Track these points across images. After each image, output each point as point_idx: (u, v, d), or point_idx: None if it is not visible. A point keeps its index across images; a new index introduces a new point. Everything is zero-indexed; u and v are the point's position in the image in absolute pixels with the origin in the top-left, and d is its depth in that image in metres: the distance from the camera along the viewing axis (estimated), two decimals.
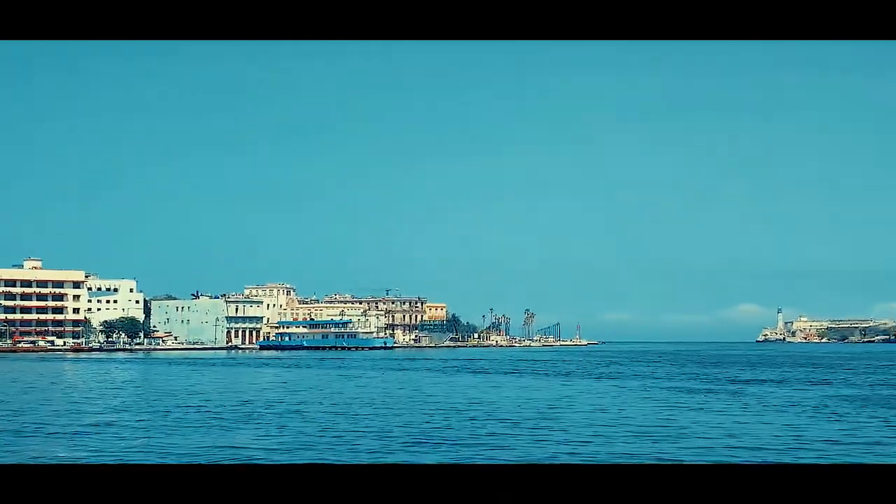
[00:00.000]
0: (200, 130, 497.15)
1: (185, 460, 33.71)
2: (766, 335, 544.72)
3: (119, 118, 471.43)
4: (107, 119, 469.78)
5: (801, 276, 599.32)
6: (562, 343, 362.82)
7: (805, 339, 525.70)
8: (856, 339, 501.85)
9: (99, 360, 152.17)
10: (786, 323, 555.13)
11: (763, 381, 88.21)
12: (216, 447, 37.23)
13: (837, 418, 49.52)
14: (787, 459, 33.76)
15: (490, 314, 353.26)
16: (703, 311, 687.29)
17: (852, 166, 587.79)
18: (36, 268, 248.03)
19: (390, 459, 34.19)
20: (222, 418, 49.22)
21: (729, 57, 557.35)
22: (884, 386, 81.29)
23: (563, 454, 35.36)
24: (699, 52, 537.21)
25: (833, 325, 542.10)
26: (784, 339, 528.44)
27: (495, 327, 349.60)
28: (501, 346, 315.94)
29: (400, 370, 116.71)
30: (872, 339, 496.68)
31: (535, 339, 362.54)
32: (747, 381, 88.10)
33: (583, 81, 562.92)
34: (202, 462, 33.14)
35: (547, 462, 32.71)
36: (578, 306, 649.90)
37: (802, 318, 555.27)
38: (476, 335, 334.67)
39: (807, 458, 34.35)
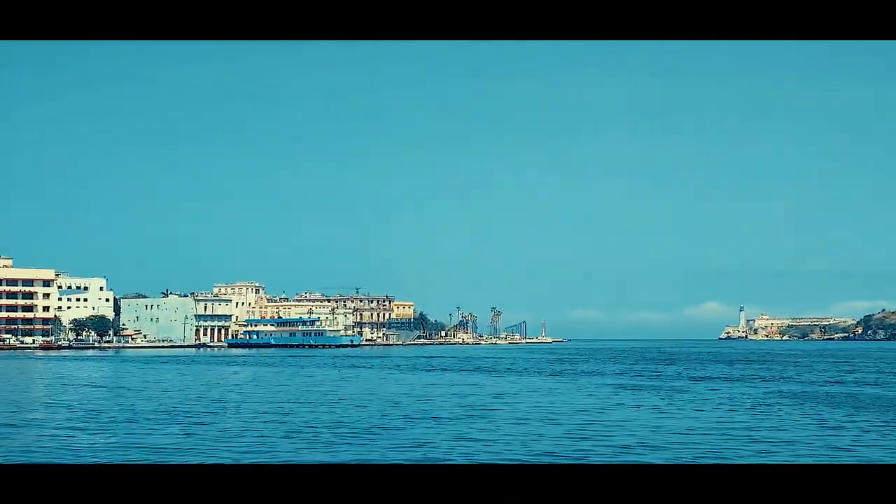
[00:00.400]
0: (172, 131, 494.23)
1: (88, 459, 32.45)
2: (729, 333, 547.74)
3: (91, 118, 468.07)
4: (77, 118, 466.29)
5: (764, 275, 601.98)
6: (528, 341, 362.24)
7: (766, 336, 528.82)
8: (815, 337, 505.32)
9: (62, 358, 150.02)
10: (748, 321, 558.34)
11: (713, 378, 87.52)
12: (122, 446, 35.87)
13: (769, 415, 48.64)
14: (710, 458, 32.81)
15: (457, 312, 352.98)
16: (670, 310, 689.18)
17: (814, 169, 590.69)
18: (7, 266, 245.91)
19: (303, 459, 32.97)
20: (149, 418, 47.84)
21: (704, 59, 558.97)
22: (826, 383, 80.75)
23: (483, 453, 34.24)
24: (672, 52, 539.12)
25: (794, 323, 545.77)
26: (746, 336, 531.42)
27: (463, 325, 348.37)
28: (467, 343, 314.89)
29: (358, 368, 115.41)
30: (832, 336, 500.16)
31: (501, 336, 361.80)
32: (697, 378, 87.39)
33: (549, 82, 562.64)
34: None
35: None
36: (547, 305, 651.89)
37: (764, 316, 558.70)
38: (443, 333, 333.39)
39: (729, 457, 33.41)
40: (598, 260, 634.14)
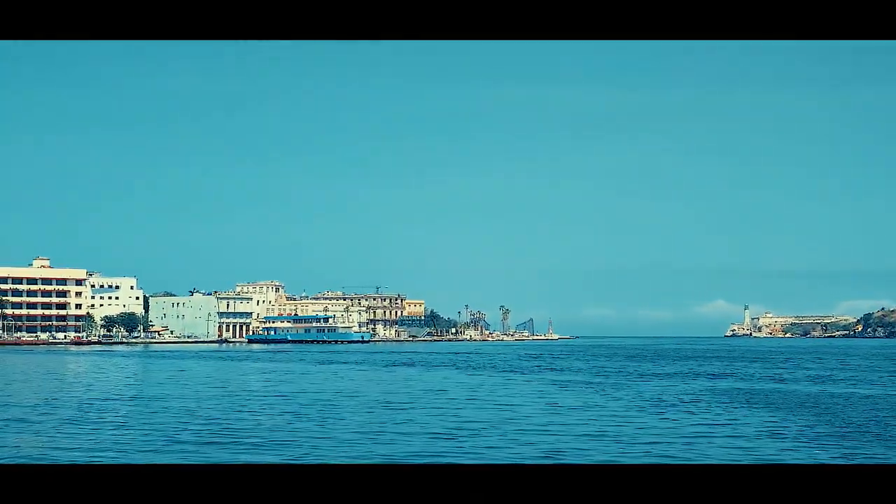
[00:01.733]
0: (198, 137, 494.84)
1: None
2: (735, 330, 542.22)
3: (123, 125, 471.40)
4: (110, 125, 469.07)
5: (771, 275, 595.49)
6: (535, 338, 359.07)
7: (770, 333, 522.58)
8: (817, 334, 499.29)
9: (80, 353, 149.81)
10: (752, 319, 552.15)
11: (669, 375, 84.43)
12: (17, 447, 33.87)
13: (669, 414, 45.71)
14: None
15: (465, 310, 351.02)
16: (680, 307, 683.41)
17: (822, 169, 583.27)
18: (44, 266, 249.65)
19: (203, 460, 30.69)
20: (63, 417, 45.88)
21: (706, 62, 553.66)
22: (773, 380, 77.62)
23: (343, 455, 31.81)
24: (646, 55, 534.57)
25: (796, 321, 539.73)
26: (751, 334, 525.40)
27: (473, 323, 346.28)
28: (475, 340, 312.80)
29: (328, 363, 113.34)
30: (833, 334, 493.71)
31: (509, 333, 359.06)
32: (653, 375, 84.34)
33: (559, 87, 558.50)
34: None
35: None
36: (560, 303, 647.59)
37: (768, 315, 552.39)
38: (453, 330, 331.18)
39: (606, 457, 30.80)
40: (610, 259, 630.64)
